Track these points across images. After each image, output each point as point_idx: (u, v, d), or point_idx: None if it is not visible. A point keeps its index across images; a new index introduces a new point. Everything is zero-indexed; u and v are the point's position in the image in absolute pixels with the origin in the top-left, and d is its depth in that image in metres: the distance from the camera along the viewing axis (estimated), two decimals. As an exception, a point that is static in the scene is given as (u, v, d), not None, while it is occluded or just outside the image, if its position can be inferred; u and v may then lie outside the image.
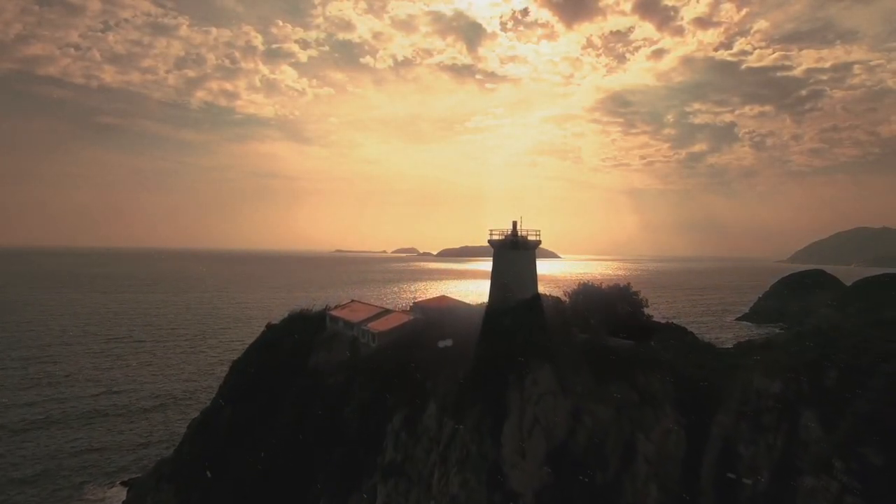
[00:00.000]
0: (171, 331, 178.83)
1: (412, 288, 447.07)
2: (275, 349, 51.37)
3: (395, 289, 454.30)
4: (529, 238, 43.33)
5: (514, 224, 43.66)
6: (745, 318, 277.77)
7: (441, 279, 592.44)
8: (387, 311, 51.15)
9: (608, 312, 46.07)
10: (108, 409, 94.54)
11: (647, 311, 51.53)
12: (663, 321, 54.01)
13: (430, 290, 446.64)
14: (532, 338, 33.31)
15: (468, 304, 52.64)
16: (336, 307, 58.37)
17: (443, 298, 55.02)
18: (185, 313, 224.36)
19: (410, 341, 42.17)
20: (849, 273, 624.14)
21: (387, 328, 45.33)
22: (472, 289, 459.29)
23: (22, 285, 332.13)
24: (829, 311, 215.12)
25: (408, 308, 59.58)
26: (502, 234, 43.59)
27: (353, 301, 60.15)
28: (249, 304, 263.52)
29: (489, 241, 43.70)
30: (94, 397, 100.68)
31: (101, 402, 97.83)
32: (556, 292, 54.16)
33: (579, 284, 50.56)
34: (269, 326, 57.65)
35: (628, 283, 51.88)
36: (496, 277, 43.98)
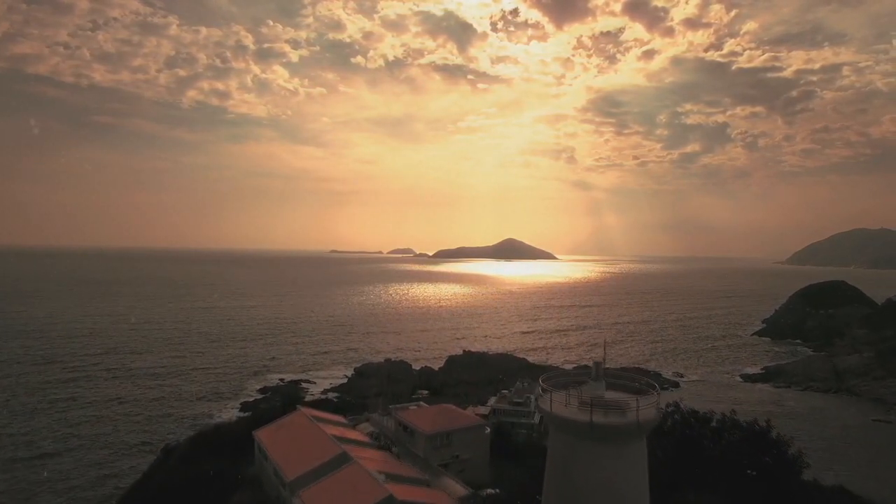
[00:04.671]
0: (143, 354, 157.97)
1: (406, 291, 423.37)
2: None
3: (389, 290, 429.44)
4: (643, 407, 18.22)
5: (598, 366, 20.23)
6: (761, 332, 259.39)
7: (435, 281, 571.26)
8: (345, 459, 30.36)
9: (731, 471, 25.77)
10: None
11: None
12: (829, 489, 33.04)
13: (424, 292, 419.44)
14: None
15: (483, 429, 32.53)
16: (273, 423, 37.29)
17: (443, 413, 34.35)
18: (166, 329, 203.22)
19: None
20: (850, 275, 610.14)
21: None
22: (468, 292, 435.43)
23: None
24: (863, 333, 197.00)
25: (387, 409, 39.10)
26: (568, 393, 19.47)
27: (298, 410, 38.72)
28: (236, 317, 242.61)
29: (539, 408, 20.44)
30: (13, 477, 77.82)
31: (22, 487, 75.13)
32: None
33: (669, 407, 28.90)
34: (167, 451, 37.59)
35: (767, 421, 30.83)
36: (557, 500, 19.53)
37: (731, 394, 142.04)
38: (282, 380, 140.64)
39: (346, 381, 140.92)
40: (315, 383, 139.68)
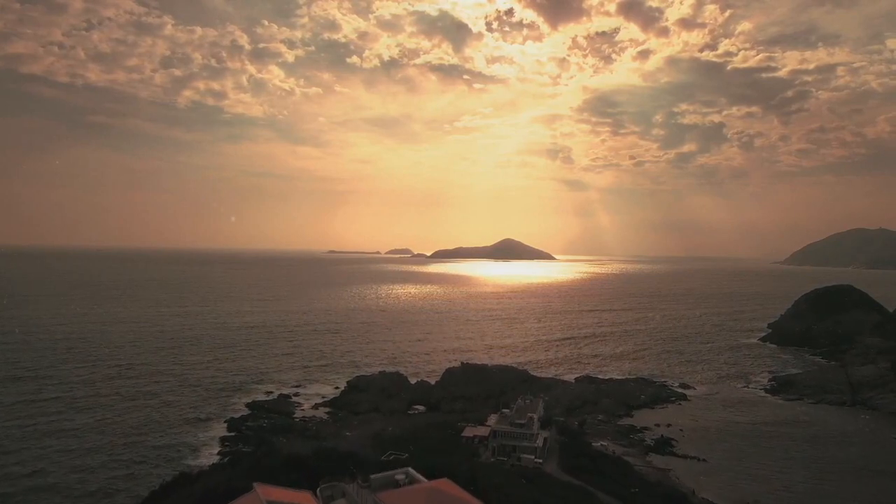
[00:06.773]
0: (128, 367, 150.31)
1: (404, 293, 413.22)
2: None
3: (386, 292, 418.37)
4: None
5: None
6: (767, 338, 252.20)
7: (433, 283, 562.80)
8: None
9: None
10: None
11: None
12: None
13: (422, 295, 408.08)
14: None
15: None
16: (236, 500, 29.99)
17: (437, 499, 27.07)
18: (154, 337, 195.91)
19: None
20: (850, 275, 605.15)
21: None
22: (466, 296, 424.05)
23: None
24: (876, 341, 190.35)
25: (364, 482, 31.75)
26: None
27: (253, 491, 31.13)
28: (229, 322, 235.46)
29: None
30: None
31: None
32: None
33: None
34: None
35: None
36: None
37: (744, 409, 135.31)
38: (270, 393, 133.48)
39: (338, 394, 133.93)
40: (306, 397, 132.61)
